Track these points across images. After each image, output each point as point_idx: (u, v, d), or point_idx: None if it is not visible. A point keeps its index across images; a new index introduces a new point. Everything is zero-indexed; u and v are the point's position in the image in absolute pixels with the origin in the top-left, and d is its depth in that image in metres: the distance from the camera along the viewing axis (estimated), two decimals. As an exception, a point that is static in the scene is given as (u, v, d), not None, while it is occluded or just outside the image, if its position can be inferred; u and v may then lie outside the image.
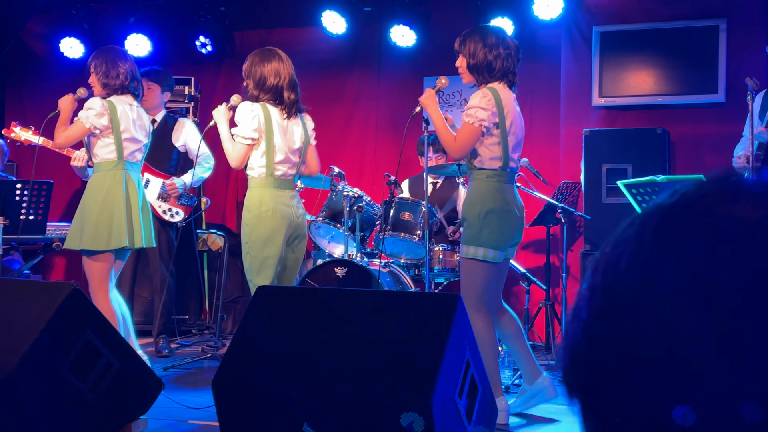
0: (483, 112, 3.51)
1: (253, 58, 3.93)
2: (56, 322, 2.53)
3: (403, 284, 5.01)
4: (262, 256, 3.78)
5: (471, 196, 3.60)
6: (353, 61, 6.76)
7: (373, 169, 6.66)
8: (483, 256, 3.53)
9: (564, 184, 5.60)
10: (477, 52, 3.59)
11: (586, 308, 0.69)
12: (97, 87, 4.20)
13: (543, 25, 6.08)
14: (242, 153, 3.82)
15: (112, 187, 4.10)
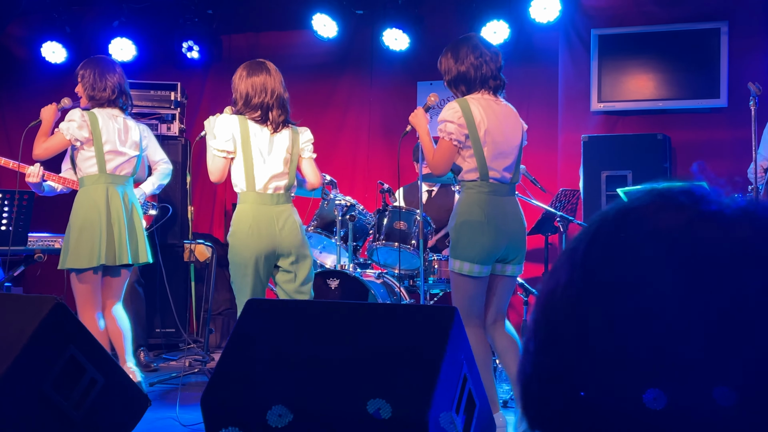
0: (451, 125, 3.54)
1: (240, 71, 3.91)
2: (39, 337, 2.52)
3: (398, 296, 5.01)
4: (239, 275, 3.79)
5: (454, 209, 3.67)
6: (345, 65, 6.77)
7: (366, 176, 6.67)
8: (459, 269, 3.56)
9: (562, 192, 5.62)
10: (450, 68, 3.64)
11: (532, 340, 0.71)
12: (83, 97, 4.22)
13: (540, 28, 6.11)
14: (219, 166, 3.79)
15: (95, 202, 4.10)
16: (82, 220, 4.05)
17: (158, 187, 5.29)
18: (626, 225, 0.68)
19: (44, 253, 4.83)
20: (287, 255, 3.84)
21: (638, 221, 0.68)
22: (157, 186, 5.27)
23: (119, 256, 4.14)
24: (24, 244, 4.65)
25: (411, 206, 5.36)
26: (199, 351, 5.70)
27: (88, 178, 4.15)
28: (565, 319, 0.68)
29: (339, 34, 6.41)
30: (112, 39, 6.53)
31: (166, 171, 5.31)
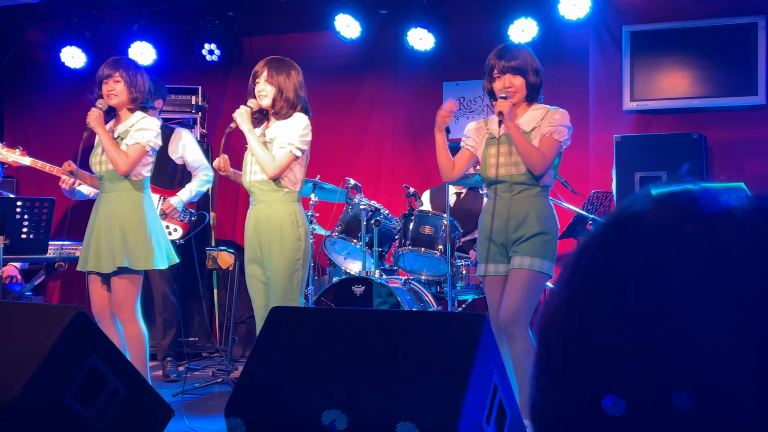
0: (569, 132, 3.71)
1: (298, 68, 4.00)
2: (60, 347, 2.55)
3: (425, 302, 5.01)
4: (303, 281, 3.93)
5: (541, 211, 3.69)
6: (368, 66, 6.79)
7: (391, 180, 6.67)
8: (549, 270, 3.70)
9: (594, 194, 5.58)
10: (533, 69, 3.72)
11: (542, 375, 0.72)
12: (123, 98, 4.18)
13: (569, 26, 6.08)
14: (288, 163, 3.87)
15: (149, 205, 4.18)
16: (143, 221, 4.10)
17: (197, 194, 5.33)
18: (627, 234, 0.69)
19: (65, 262, 4.88)
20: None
21: (638, 229, 0.69)
22: (196, 193, 5.31)
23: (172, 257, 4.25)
24: (44, 253, 4.70)
25: (438, 210, 5.35)
26: (222, 360, 5.73)
27: (141, 182, 4.19)
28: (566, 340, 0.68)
29: (362, 34, 6.43)
30: (132, 43, 6.60)
31: (207, 178, 5.34)
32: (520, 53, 3.72)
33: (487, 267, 3.74)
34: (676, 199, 0.70)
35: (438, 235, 4.99)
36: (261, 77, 3.97)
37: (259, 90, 3.96)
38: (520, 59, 3.70)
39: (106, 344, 2.74)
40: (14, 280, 5.52)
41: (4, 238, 4.44)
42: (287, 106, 3.94)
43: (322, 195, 5.44)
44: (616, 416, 0.64)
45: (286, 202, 3.89)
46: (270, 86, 3.95)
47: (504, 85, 3.69)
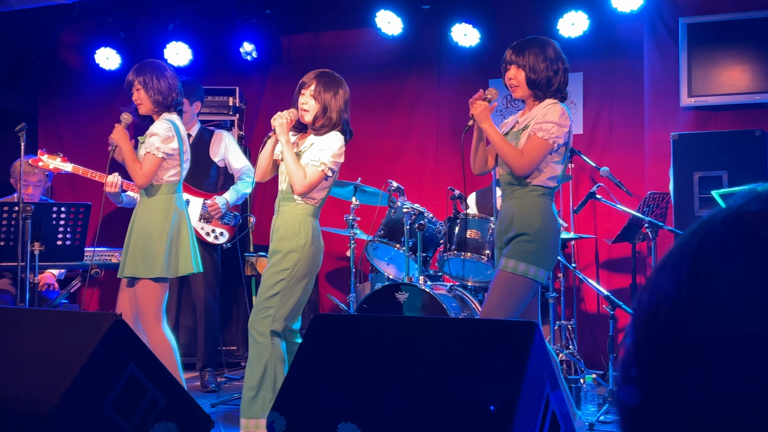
0: (559, 129, 3.62)
1: (343, 84, 4.06)
2: (98, 356, 2.60)
3: (471, 310, 5.00)
4: (305, 292, 4.02)
5: (528, 213, 3.65)
6: (411, 64, 6.80)
7: (435, 182, 6.67)
8: (535, 275, 3.64)
9: (650, 195, 5.52)
10: (537, 65, 3.68)
11: (634, 365, 0.69)
12: (147, 104, 4.27)
13: (622, 18, 6.03)
14: (318, 181, 3.91)
15: (177, 210, 4.25)
16: (168, 228, 4.19)
17: (242, 196, 5.40)
18: (737, 235, 0.65)
19: (101, 268, 4.97)
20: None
21: (751, 230, 0.65)
22: (240, 195, 5.38)
23: (196, 265, 4.32)
24: (80, 259, 4.78)
25: (484, 213, 5.34)
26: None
27: (168, 186, 4.26)
28: (673, 343, 0.65)
29: (404, 31, 6.44)
30: (167, 43, 6.69)
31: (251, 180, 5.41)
32: (531, 47, 3.72)
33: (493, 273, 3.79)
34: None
35: (485, 239, 4.97)
36: (307, 90, 3.97)
37: (302, 103, 3.97)
38: (526, 53, 3.69)
39: (144, 353, 2.79)
40: (51, 287, 5.63)
41: (40, 245, 4.53)
42: (328, 125, 3.97)
43: (363, 198, 5.46)
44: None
45: (298, 215, 3.94)
46: (314, 102, 3.96)
47: (508, 77, 3.73)
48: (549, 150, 3.62)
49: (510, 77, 3.73)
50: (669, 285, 0.68)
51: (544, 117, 3.63)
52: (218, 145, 5.57)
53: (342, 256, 6.66)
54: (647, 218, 5.11)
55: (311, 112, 3.96)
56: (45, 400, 2.51)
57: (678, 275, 0.67)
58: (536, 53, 3.69)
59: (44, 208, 4.63)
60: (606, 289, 5.43)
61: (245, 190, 5.48)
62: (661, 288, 0.68)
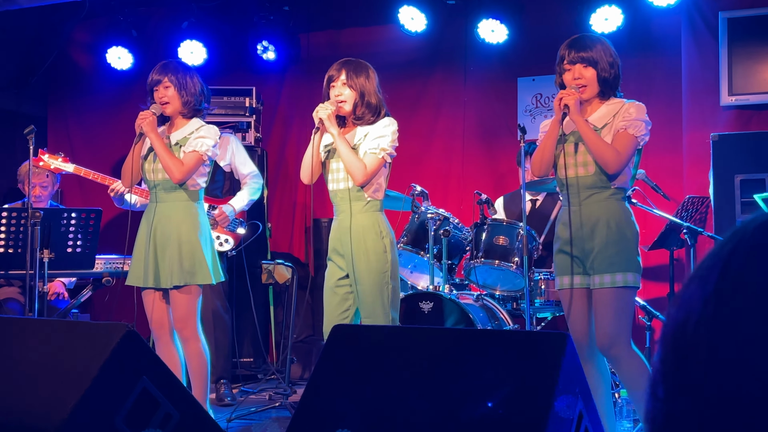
0: (646, 127, 3.66)
1: (369, 66, 4.06)
2: (110, 369, 2.62)
3: (500, 320, 4.99)
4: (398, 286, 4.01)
5: (615, 217, 3.64)
6: (435, 62, 6.80)
7: (461, 186, 6.67)
8: (634, 282, 3.66)
9: (689, 200, 5.49)
10: (607, 61, 3.68)
11: (661, 383, 0.69)
12: (176, 104, 4.28)
13: (659, 13, 6.00)
14: (378, 169, 3.93)
15: (204, 216, 4.33)
16: (204, 234, 4.25)
17: (249, 202, 5.42)
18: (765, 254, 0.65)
19: (113, 277, 5.00)
20: None
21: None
22: (248, 201, 5.40)
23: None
24: (91, 267, 4.82)
25: (513, 218, 5.33)
26: (280, 383, 5.79)
27: (197, 192, 4.31)
28: (700, 361, 0.65)
29: (428, 27, 6.45)
30: (181, 42, 6.73)
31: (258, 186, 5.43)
32: (594, 43, 3.70)
33: (562, 280, 3.73)
34: None
35: (513, 245, 4.96)
36: (338, 80, 3.96)
37: (337, 95, 3.94)
38: (593, 50, 3.67)
39: (157, 365, 2.81)
40: (60, 297, 5.68)
41: (49, 252, 4.57)
42: (370, 112, 3.96)
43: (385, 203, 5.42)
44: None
45: (368, 212, 3.94)
46: (350, 90, 3.94)
47: (573, 76, 3.68)
48: (636, 148, 3.66)
49: (577, 76, 3.68)
50: (696, 299, 0.67)
51: (632, 114, 3.63)
52: (224, 149, 5.60)
53: (363, 264, 6.66)
54: (685, 224, 5.07)
55: (350, 102, 3.95)
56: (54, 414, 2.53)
57: (705, 289, 0.67)
58: (603, 49, 3.69)
59: (54, 214, 4.67)
60: (642, 299, 5.39)
61: (253, 196, 5.49)
62: (689, 302, 0.68)
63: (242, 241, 5.54)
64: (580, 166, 3.69)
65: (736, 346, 0.63)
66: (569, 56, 3.69)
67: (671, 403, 0.67)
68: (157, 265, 4.18)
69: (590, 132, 3.62)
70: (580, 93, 3.67)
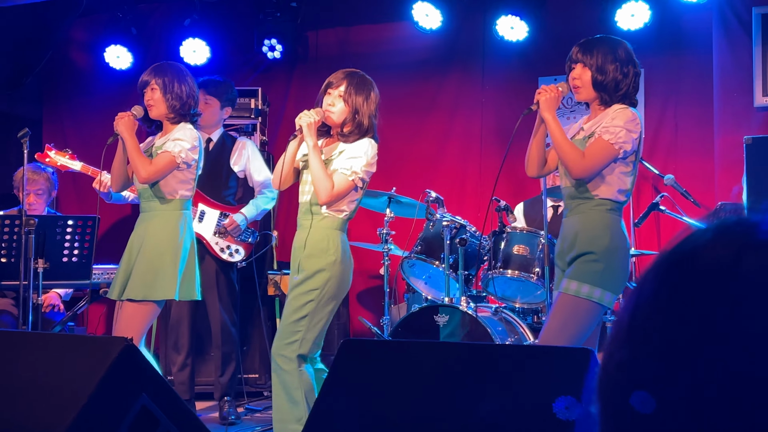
0: (627, 134, 3.60)
1: (374, 87, 4.07)
2: (108, 384, 2.63)
3: (519, 335, 4.98)
4: (332, 314, 4.08)
5: (596, 230, 3.64)
6: (451, 61, 6.81)
7: (478, 192, 6.67)
8: (600, 299, 3.61)
9: (721, 206, 5.47)
10: (605, 65, 3.67)
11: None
12: (161, 108, 4.31)
13: (688, 9, 5.99)
14: (346, 191, 3.92)
15: (189, 228, 4.32)
16: (179, 247, 4.24)
17: (262, 211, 5.43)
18: (683, 278, 0.73)
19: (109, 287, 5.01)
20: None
21: (693, 271, 0.73)
22: (260, 210, 5.42)
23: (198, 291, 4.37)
24: (88, 278, 4.83)
25: (533, 226, 5.32)
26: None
27: (181, 201, 4.32)
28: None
29: (444, 24, 6.45)
30: (183, 40, 6.75)
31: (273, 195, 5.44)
32: (599, 45, 3.70)
33: (553, 295, 3.76)
34: (734, 229, 0.74)
35: (534, 255, 4.96)
36: (335, 90, 3.96)
37: (329, 104, 3.96)
38: (595, 50, 3.67)
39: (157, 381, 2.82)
40: (56, 309, 5.70)
41: (44, 262, 4.59)
42: (358, 132, 3.97)
43: (398, 210, 5.47)
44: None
45: (326, 229, 3.94)
46: (343, 104, 3.95)
47: (572, 76, 3.71)
48: (614, 156, 3.60)
49: (574, 77, 3.70)
50: (624, 332, 0.77)
51: (612, 120, 3.61)
52: (240, 155, 5.61)
53: (375, 275, 6.67)
54: (717, 232, 5.05)
55: (338, 115, 3.96)
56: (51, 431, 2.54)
57: (634, 321, 0.76)
58: (605, 52, 3.67)
59: (49, 222, 4.69)
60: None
61: (266, 205, 5.50)
62: (617, 337, 0.77)
63: (253, 251, 5.55)
64: (564, 176, 3.74)
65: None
66: (572, 56, 3.74)
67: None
68: (127, 277, 4.20)
69: (555, 130, 3.64)
70: (575, 93, 3.71)
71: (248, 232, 5.47)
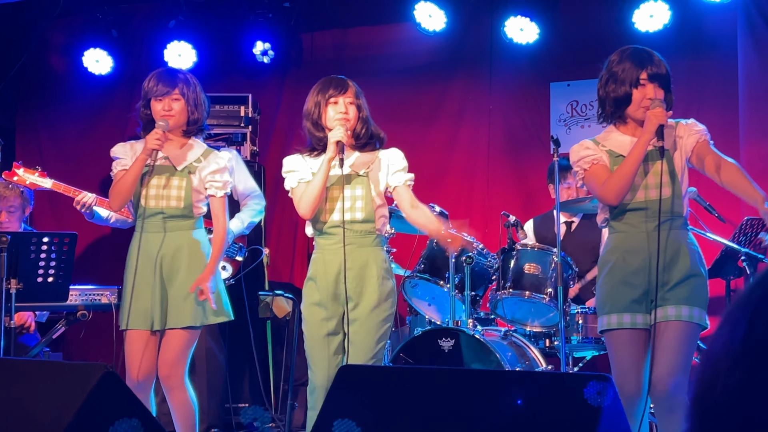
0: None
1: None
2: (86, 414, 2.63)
3: (531, 360, 4.97)
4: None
5: (693, 249, 3.74)
6: (456, 65, 6.82)
7: (486, 206, 6.67)
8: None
9: (747, 222, 5.48)
10: (669, 79, 3.75)
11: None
12: (182, 119, 4.27)
13: (711, 8, 6.02)
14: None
15: (209, 246, 4.39)
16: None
17: (249, 225, 5.44)
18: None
19: (89, 310, 5.01)
20: None
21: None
22: (248, 224, 5.42)
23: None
24: (65, 300, 4.82)
25: (545, 243, 5.33)
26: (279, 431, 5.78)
27: (201, 219, 4.37)
28: (730, 420, 0.66)
29: (448, 26, 6.47)
30: (168, 43, 6.76)
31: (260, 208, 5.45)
32: (664, 63, 3.74)
33: (621, 318, 3.69)
34: None
35: (546, 274, 4.96)
36: (343, 97, 3.94)
37: (341, 112, 3.92)
38: (665, 69, 3.72)
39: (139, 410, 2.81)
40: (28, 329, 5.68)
41: (17, 282, 4.57)
42: (372, 137, 4.04)
43: (399, 226, 5.46)
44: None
45: (381, 250, 4.02)
46: (356, 110, 3.97)
47: (646, 95, 3.67)
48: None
49: (651, 96, 3.67)
50: (724, 356, 0.68)
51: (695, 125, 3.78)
52: None
53: (374, 296, 6.66)
54: (744, 249, 5.06)
55: (355, 123, 3.96)
56: (23, 466, 2.54)
57: (732, 344, 0.68)
58: (666, 66, 3.74)
59: (22, 239, 4.67)
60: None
61: (253, 218, 5.48)
62: (716, 358, 0.69)
63: (241, 269, 5.54)
64: (653, 189, 3.72)
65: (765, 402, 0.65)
66: (645, 74, 3.68)
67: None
68: (165, 303, 4.19)
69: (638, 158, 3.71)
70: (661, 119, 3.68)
71: (235, 247, 5.47)
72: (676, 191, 3.71)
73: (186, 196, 4.24)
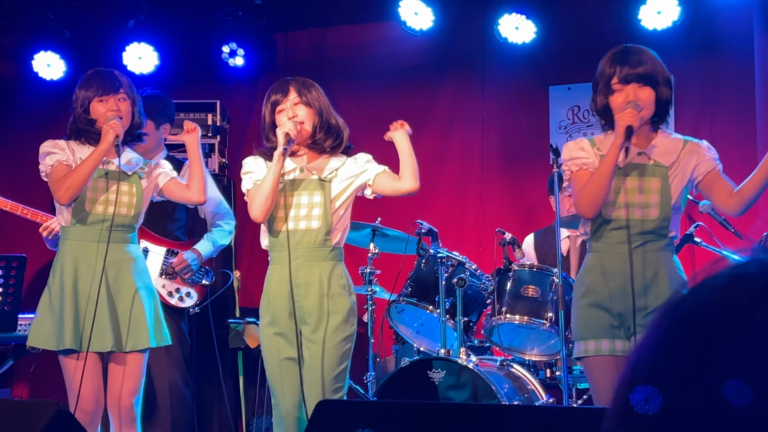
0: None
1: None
2: (36, 458, 2.62)
3: (530, 393, 4.98)
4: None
5: (676, 270, 3.80)
6: (446, 67, 6.84)
7: (479, 223, 6.68)
8: None
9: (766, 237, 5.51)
10: (666, 81, 3.77)
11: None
12: (127, 121, 4.28)
13: (725, 4, 6.05)
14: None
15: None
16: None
17: (218, 248, 5.42)
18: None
19: (39, 341, 4.98)
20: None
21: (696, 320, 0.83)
22: (216, 247, 5.40)
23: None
24: (13, 330, 4.80)
25: (546, 263, 5.33)
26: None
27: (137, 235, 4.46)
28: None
29: (437, 24, 6.48)
30: (127, 45, 6.74)
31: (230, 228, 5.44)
32: (647, 56, 3.77)
33: (600, 344, 3.74)
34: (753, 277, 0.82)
35: (546, 297, 4.96)
36: (287, 101, 4.01)
37: (289, 117, 3.98)
38: (649, 64, 3.73)
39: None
40: None
41: (-40, 311, 4.56)
42: (330, 137, 4.07)
43: (384, 245, 5.47)
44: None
45: (341, 264, 4.05)
46: (306, 108, 4.03)
47: (627, 98, 3.70)
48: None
49: (632, 98, 3.70)
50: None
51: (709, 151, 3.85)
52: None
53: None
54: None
55: (309, 123, 4.02)
56: None
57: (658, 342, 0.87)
58: (661, 65, 3.77)
59: (-35, 263, 4.67)
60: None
61: (222, 240, 5.44)
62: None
63: (208, 294, 5.51)
64: (637, 208, 3.75)
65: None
66: (621, 73, 3.72)
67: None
68: (116, 323, 4.18)
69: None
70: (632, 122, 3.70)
71: (201, 272, 5.42)
72: (664, 211, 3.74)
73: (137, 203, 4.28)
